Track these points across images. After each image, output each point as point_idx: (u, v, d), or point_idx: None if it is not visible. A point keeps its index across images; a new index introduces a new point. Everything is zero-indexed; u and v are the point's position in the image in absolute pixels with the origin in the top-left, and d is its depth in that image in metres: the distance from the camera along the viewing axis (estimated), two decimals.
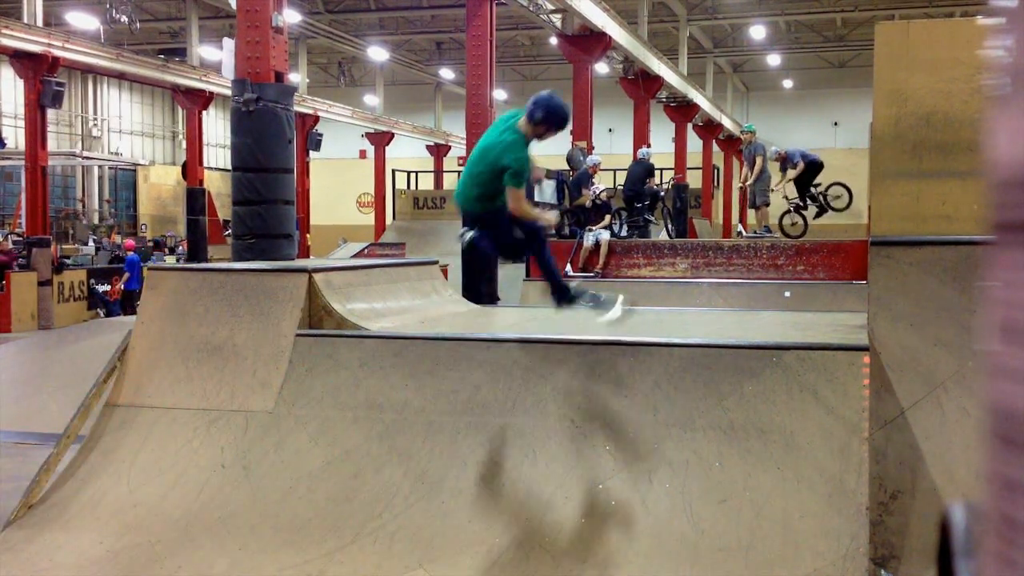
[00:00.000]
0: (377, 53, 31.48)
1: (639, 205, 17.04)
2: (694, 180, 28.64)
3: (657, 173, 19.92)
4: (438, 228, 21.75)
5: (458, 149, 31.42)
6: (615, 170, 23.49)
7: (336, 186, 38.61)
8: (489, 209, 5.48)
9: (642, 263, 14.24)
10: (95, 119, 34.01)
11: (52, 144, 23.71)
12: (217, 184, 31.87)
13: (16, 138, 26.70)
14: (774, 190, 15.57)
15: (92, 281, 20.23)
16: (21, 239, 20.18)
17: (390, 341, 5.83)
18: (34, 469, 5.88)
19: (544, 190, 17.72)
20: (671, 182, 23.92)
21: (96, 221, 31.83)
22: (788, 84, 38.68)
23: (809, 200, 15.14)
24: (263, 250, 9.20)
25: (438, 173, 33.86)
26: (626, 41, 20.77)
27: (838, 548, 4.50)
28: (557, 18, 19.15)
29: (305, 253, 24.13)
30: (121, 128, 35.53)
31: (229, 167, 10.64)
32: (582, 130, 18.34)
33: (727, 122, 33.38)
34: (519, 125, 5.37)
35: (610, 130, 35.06)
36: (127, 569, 5.04)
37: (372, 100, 36.53)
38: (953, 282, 4.67)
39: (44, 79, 18.01)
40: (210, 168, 30.20)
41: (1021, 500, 0.76)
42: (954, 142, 4.81)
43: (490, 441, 5.26)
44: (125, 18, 24.68)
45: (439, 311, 7.60)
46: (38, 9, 18.78)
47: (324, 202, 34.59)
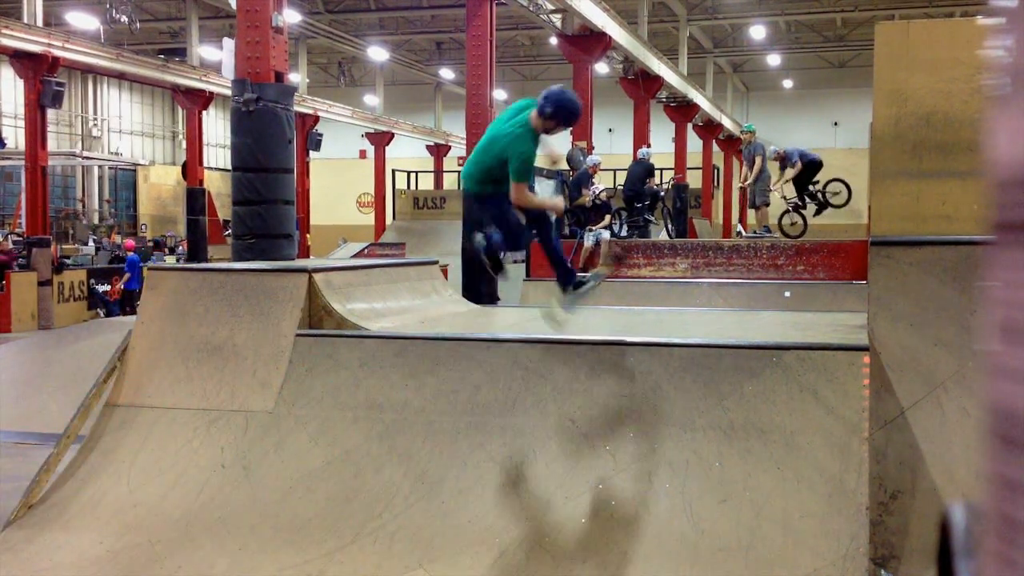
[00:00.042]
0: (377, 53, 31.48)
1: (639, 205, 17.05)
2: (694, 180, 28.65)
3: (657, 173, 19.92)
4: (438, 228, 21.78)
5: (458, 149, 31.43)
6: (615, 170, 23.49)
7: (336, 186, 38.62)
8: (494, 192, 5.56)
9: (642, 263, 14.23)
10: (95, 119, 34.01)
11: (52, 144, 23.71)
12: (217, 184, 31.87)
13: (16, 138, 26.70)
14: (773, 190, 15.58)
15: (92, 281, 20.23)
16: (21, 239, 20.18)
17: (390, 341, 5.83)
18: (34, 469, 5.88)
19: (544, 190, 17.71)
20: (671, 182, 23.93)
21: (96, 221, 31.83)
22: (788, 84, 38.69)
23: (808, 198, 15.16)
24: (263, 250, 9.20)
25: (438, 173, 33.87)
26: (626, 41, 20.77)
27: (838, 548, 4.49)
28: (557, 18, 19.15)
29: (305, 253, 24.12)
30: (121, 128, 35.53)
31: (229, 167, 10.65)
32: (582, 130, 18.32)
33: (727, 122, 33.38)
34: (530, 118, 5.41)
35: (610, 130, 35.06)
36: (127, 569, 5.04)
37: (372, 100, 36.52)
38: (953, 282, 4.67)
39: (44, 79, 18.02)
40: (210, 168, 30.20)
41: (1021, 500, 0.76)
42: (954, 142, 4.81)
43: (490, 441, 5.26)
44: (125, 18, 24.68)
45: (439, 311, 7.60)
46: (38, 9, 18.78)
47: (324, 202, 34.59)
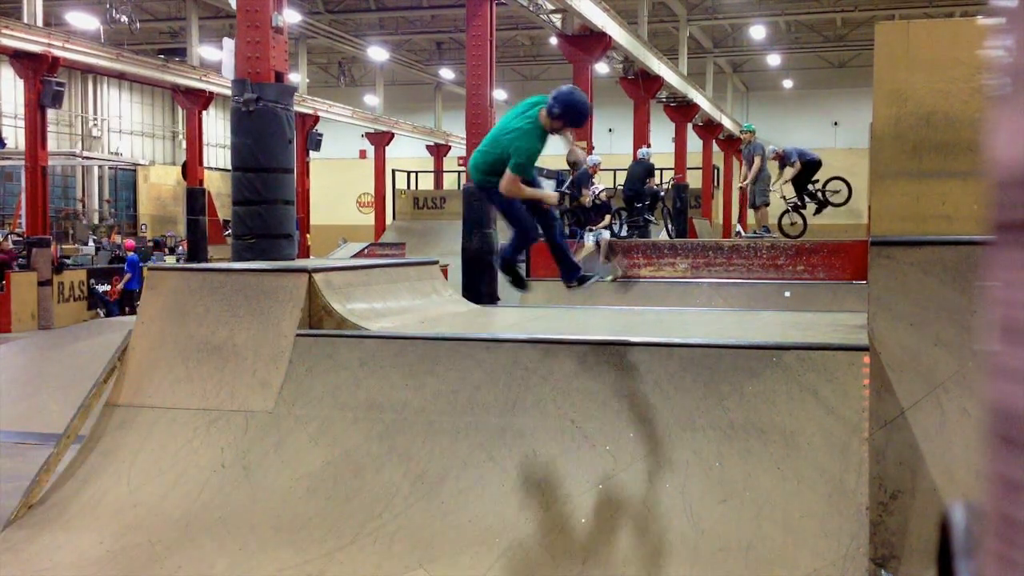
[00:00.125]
0: (377, 53, 31.47)
1: (639, 205, 17.05)
2: (694, 180, 28.64)
3: (657, 173, 19.93)
4: (438, 228, 21.78)
5: (458, 149, 31.41)
6: (615, 170, 23.49)
7: (336, 186, 38.61)
8: (497, 183, 5.60)
9: (642, 263, 14.23)
10: (95, 119, 34.01)
11: (52, 144, 23.71)
12: (217, 184, 31.87)
13: (16, 138, 26.69)
14: (772, 190, 15.59)
15: (92, 281, 20.22)
16: (21, 239, 20.18)
17: (390, 341, 5.83)
18: (34, 469, 5.89)
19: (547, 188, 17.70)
20: (671, 182, 23.93)
21: (96, 221, 31.83)
22: (788, 84, 38.68)
23: (808, 197, 15.17)
24: (263, 250, 9.19)
25: (438, 173, 33.87)
26: (626, 41, 20.76)
27: (838, 548, 4.49)
28: (557, 18, 19.14)
29: (305, 253, 24.11)
30: (121, 128, 35.53)
31: (229, 167, 10.64)
32: (582, 130, 18.31)
33: (727, 122, 33.38)
34: (539, 115, 5.45)
35: (610, 130, 35.06)
36: (127, 569, 5.04)
37: (372, 100, 36.51)
38: (953, 282, 4.67)
39: (44, 79, 18.01)
40: (210, 168, 30.20)
41: (1021, 500, 0.76)
42: (954, 142, 4.81)
43: (490, 441, 5.26)
44: (125, 18, 24.67)
45: (439, 311, 7.60)
46: (38, 9, 18.77)
47: (324, 202, 34.58)
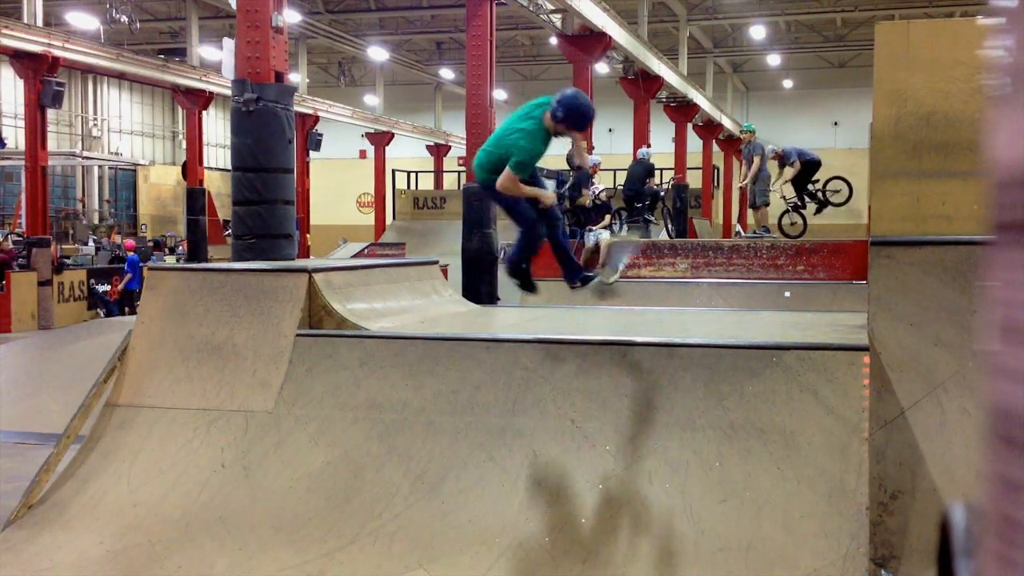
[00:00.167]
0: (377, 53, 31.47)
1: (639, 205, 17.05)
2: (694, 180, 28.64)
3: (657, 173, 19.92)
4: (438, 228, 21.80)
5: (458, 149, 31.40)
6: (615, 170, 23.49)
7: (336, 186, 38.62)
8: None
9: (642, 263, 14.22)
10: (95, 119, 34.01)
11: (52, 144, 23.71)
12: (217, 184, 31.87)
13: (16, 138, 26.70)
14: (772, 190, 15.59)
15: (92, 281, 20.22)
16: (21, 239, 20.17)
17: (390, 341, 5.83)
18: (34, 469, 5.89)
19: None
20: (671, 182, 23.92)
21: (96, 221, 31.84)
22: (788, 84, 38.68)
23: (808, 197, 15.17)
24: (263, 250, 9.19)
25: (438, 173, 33.86)
26: (626, 41, 20.76)
27: (838, 548, 4.49)
28: (557, 18, 19.14)
29: (305, 253, 24.11)
30: (121, 128, 35.53)
31: (229, 167, 10.64)
32: (583, 131, 18.30)
33: (727, 122, 33.38)
34: (543, 117, 5.46)
35: (610, 130, 35.07)
36: (127, 569, 5.04)
37: (372, 100, 36.51)
38: (953, 282, 4.67)
39: (44, 79, 18.01)
40: (210, 168, 30.19)
41: (1021, 500, 0.76)
42: (954, 142, 4.81)
43: (490, 441, 5.26)
44: (125, 18, 24.67)
45: (439, 311, 7.60)
46: (38, 9, 18.77)
47: (324, 202, 34.59)
